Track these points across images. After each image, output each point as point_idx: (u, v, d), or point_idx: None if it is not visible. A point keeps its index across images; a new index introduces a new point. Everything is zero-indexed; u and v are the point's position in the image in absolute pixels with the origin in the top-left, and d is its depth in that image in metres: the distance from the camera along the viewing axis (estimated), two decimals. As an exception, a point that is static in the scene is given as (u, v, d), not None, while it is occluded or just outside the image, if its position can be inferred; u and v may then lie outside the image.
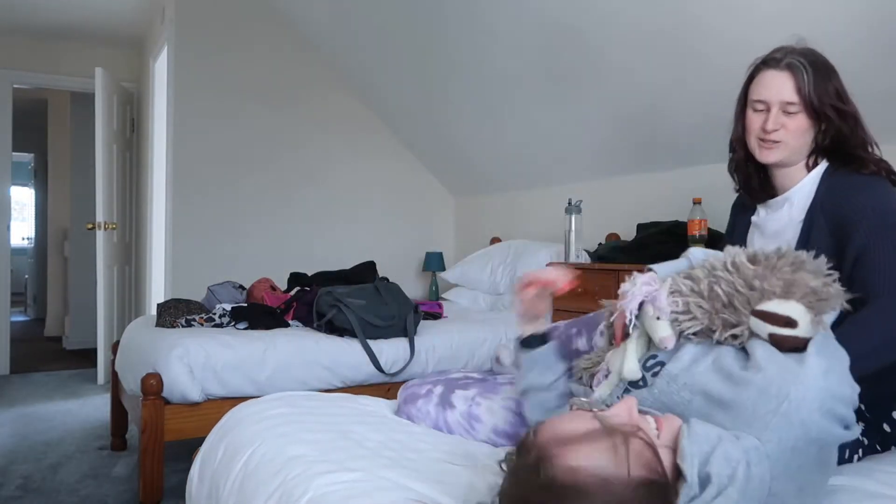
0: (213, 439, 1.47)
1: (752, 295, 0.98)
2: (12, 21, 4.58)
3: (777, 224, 1.38)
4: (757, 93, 1.32)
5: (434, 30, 3.33)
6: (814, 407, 0.87)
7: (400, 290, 2.84)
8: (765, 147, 1.32)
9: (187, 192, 3.93)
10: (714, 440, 0.84)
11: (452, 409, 1.49)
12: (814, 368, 0.90)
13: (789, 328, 0.94)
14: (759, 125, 1.32)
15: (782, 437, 0.86)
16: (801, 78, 1.26)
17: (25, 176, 8.96)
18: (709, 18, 2.23)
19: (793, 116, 1.28)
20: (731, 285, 1.01)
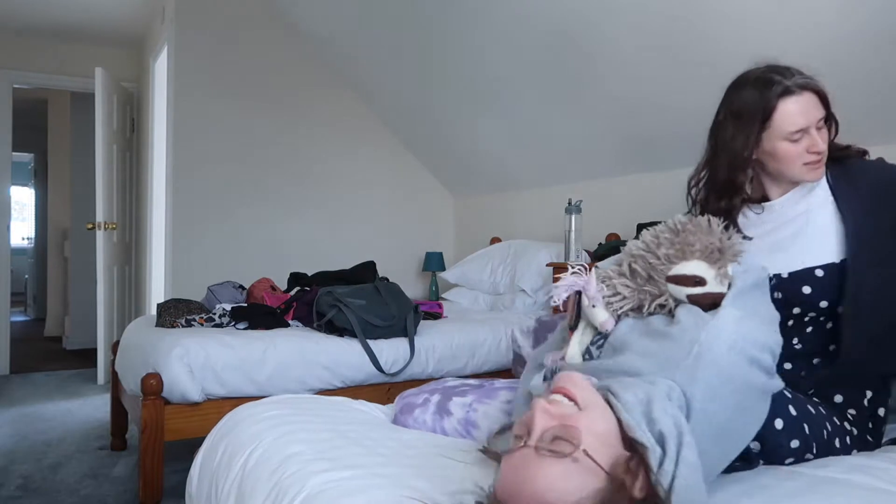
0: (213, 440, 1.48)
1: (662, 265, 1.09)
2: (12, 21, 4.58)
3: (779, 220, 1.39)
4: (793, 123, 1.29)
5: (434, 30, 3.33)
6: (723, 348, 0.95)
7: (400, 290, 2.84)
8: (816, 168, 1.32)
9: (187, 192, 3.93)
10: (643, 398, 0.89)
11: (450, 416, 1.48)
12: (725, 317, 0.99)
13: (700, 286, 1.05)
14: (802, 151, 1.31)
15: (695, 376, 0.94)
16: (821, 92, 1.30)
17: (25, 176, 8.96)
18: (709, 18, 2.23)
19: (822, 130, 1.32)
20: (644, 259, 1.12)
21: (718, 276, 1.07)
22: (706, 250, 1.08)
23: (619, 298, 1.13)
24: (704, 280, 1.06)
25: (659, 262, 1.10)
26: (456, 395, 1.52)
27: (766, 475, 1.07)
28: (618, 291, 1.14)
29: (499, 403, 1.46)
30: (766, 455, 1.13)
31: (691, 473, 0.83)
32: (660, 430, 0.85)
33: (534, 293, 3.33)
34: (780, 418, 1.13)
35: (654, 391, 0.91)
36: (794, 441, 1.14)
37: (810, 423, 1.18)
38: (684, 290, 1.07)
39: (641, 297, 1.12)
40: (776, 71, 1.32)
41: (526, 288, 3.35)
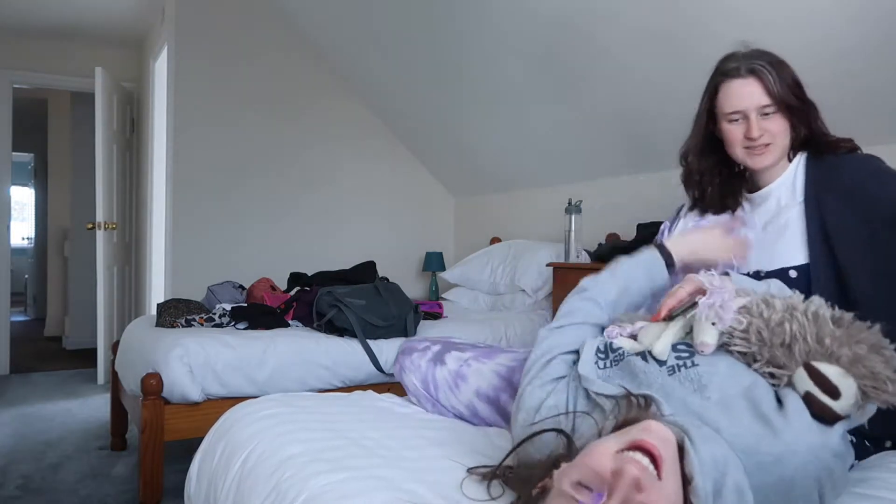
0: (211, 440, 1.47)
1: (816, 349, 0.95)
2: (12, 21, 4.58)
3: (766, 216, 1.39)
4: (730, 105, 1.33)
5: (434, 31, 3.33)
6: (808, 473, 0.85)
7: (400, 290, 2.84)
8: (756, 154, 1.33)
9: (187, 192, 3.93)
10: (720, 460, 0.80)
11: (443, 365, 1.55)
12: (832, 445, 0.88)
13: (829, 397, 0.90)
14: (740, 135, 1.33)
15: (763, 478, 0.84)
16: (766, 79, 1.29)
17: (25, 176, 8.96)
18: (709, 18, 2.23)
19: (770, 118, 1.30)
20: (803, 330, 0.97)
21: (855, 406, 0.91)
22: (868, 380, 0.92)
23: (743, 337, 0.99)
24: (840, 397, 0.91)
25: (815, 348, 0.95)
26: (455, 350, 1.58)
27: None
28: (748, 332, 0.99)
29: (493, 365, 1.50)
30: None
31: None
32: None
33: (534, 293, 3.33)
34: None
35: (732, 458, 0.82)
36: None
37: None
38: (811, 386, 0.92)
39: (762, 352, 0.98)
40: (738, 55, 1.34)
41: (526, 288, 3.35)
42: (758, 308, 1.01)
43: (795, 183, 1.36)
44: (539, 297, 3.33)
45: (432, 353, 1.58)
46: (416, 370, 1.57)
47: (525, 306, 3.36)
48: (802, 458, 0.85)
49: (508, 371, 1.46)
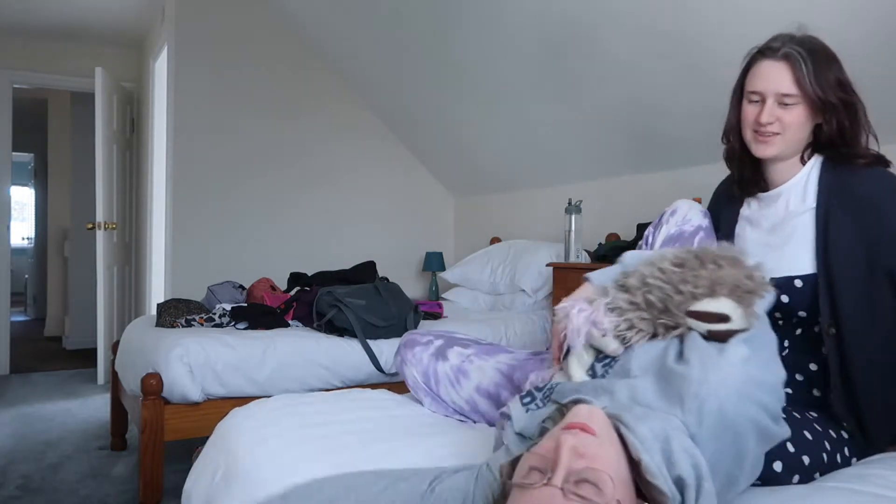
0: (214, 441, 1.47)
1: (680, 299, 1.02)
2: (12, 21, 4.58)
3: (774, 218, 1.33)
4: (752, 84, 1.26)
5: (434, 31, 3.33)
6: (732, 396, 0.89)
7: (400, 290, 2.84)
8: (760, 141, 1.27)
9: (187, 191, 3.93)
10: (660, 433, 0.84)
11: (445, 360, 1.55)
12: (733, 356, 0.92)
13: (724, 323, 0.97)
14: (753, 117, 1.27)
15: (701, 421, 0.88)
16: (799, 68, 1.20)
17: (25, 176, 8.96)
18: (711, 18, 2.23)
19: (789, 108, 1.23)
20: (663, 291, 1.04)
21: (745, 315, 0.99)
22: (736, 290, 1.00)
23: (635, 331, 1.06)
24: (729, 318, 0.99)
25: (682, 298, 1.02)
26: (458, 345, 1.58)
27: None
28: (633, 325, 1.06)
29: (494, 363, 1.50)
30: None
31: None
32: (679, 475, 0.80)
33: (534, 293, 3.33)
34: (779, 460, 1.08)
35: (670, 426, 0.86)
36: (794, 477, 1.10)
37: (809, 453, 1.12)
38: (706, 325, 0.99)
39: (656, 327, 1.05)
40: (785, 36, 1.27)
41: (526, 288, 3.35)
42: (623, 300, 1.08)
43: (807, 187, 1.29)
44: (539, 298, 3.33)
45: (434, 348, 1.58)
46: (418, 363, 1.57)
47: (525, 306, 3.37)
48: (716, 385, 0.89)
49: (510, 368, 1.46)
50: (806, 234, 1.26)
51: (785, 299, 1.26)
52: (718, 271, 1.02)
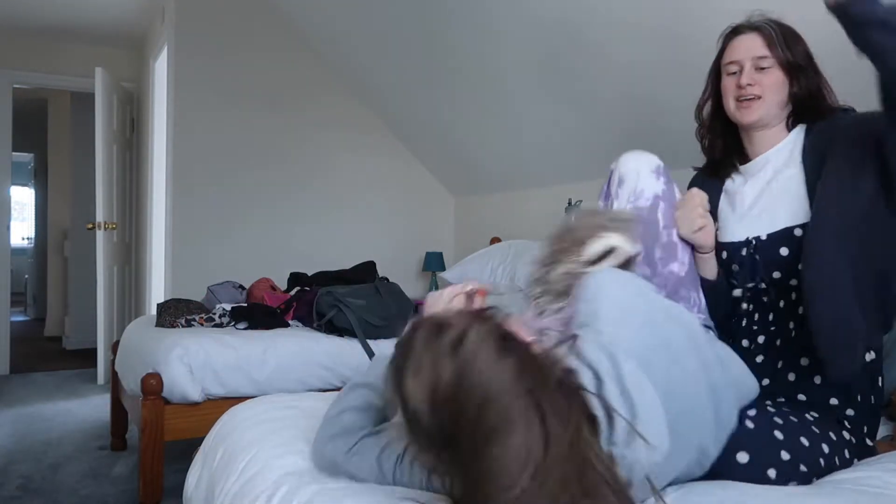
0: (212, 441, 1.47)
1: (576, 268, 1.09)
2: (12, 21, 4.58)
3: (761, 183, 1.36)
4: (729, 56, 1.36)
5: (434, 29, 3.33)
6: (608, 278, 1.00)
7: (400, 289, 2.84)
8: (743, 106, 1.33)
9: (187, 192, 3.93)
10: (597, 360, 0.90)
11: None
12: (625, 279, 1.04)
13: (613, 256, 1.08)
14: (733, 86, 1.34)
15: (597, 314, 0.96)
16: (769, 36, 1.31)
17: (25, 176, 8.96)
18: (708, 16, 2.23)
19: (766, 72, 1.31)
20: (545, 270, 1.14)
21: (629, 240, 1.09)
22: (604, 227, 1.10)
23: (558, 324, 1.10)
24: (615, 247, 1.08)
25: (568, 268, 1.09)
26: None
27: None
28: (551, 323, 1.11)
29: None
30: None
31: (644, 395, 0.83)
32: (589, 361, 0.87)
33: (534, 293, 3.33)
34: (773, 468, 1.06)
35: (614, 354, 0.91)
36: (791, 483, 1.08)
37: (806, 460, 1.10)
38: (601, 265, 1.08)
39: (571, 302, 1.09)
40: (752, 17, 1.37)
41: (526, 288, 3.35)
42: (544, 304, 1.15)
43: (794, 150, 1.33)
44: (539, 297, 3.32)
45: None
46: None
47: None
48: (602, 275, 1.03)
49: None
50: (797, 187, 1.29)
51: (784, 252, 1.26)
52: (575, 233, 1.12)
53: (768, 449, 1.07)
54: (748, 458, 1.04)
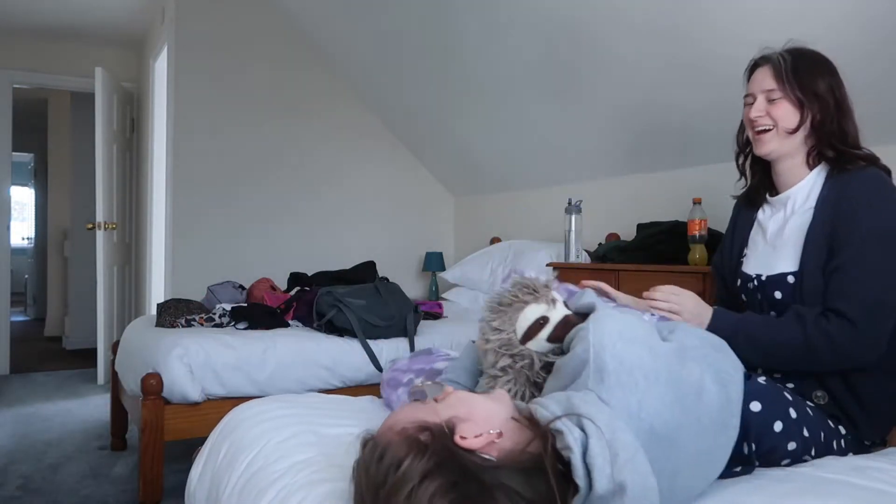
0: (216, 439, 1.47)
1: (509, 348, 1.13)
2: (12, 21, 4.58)
3: (781, 220, 1.40)
4: (747, 89, 1.41)
5: (435, 30, 3.33)
6: (615, 338, 0.94)
7: (400, 290, 2.84)
8: (757, 138, 1.38)
9: (187, 191, 3.93)
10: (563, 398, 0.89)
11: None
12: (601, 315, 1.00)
13: (547, 324, 1.10)
14: (748, 116, 1.39)
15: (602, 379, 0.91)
16: (778, 67, 1.34)
17: (25, 176, 8.96)
18: (712, 18, 2.23)
19: (776, 103, 1.34)
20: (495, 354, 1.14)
21: (549, 304, 1.11)
22: (523, 302, 1.13)
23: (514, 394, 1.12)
24: (546, 317, 1.10)
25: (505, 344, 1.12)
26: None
27: (763, 476, 1.07)
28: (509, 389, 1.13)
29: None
30: (761, 457, 1.12)
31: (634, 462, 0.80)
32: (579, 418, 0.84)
33: (534, 293, 3.33)
34: (780, 420, 1.12)
35: (573, 393, 0.90)
36: (791, 444, 1.14)
37: (809, 426, 1.17)
38: (542, 340, 1.10)
39: (527, 375, 1.13)
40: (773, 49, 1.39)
41: (526, 288, 3.35)
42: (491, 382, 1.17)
43: (811, 192, 1.35)
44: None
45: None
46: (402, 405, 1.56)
47: (525, 306, 3.36)
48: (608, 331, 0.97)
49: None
50: (801, 233, 1.33)
51: (778, 295, 1.33)
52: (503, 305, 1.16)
53: (778, 404, 1.14)
54: (760, 407, 1.11)
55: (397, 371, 1.63)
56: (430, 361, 1.66)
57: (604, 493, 0.78)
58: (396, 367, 1.66)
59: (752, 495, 0.97)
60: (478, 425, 0.84)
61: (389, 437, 0.83)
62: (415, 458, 0.78)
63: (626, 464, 0.79)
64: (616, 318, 0.99)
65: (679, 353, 1.01)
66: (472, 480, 0.77)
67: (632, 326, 0.99)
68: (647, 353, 0.95)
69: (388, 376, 1.64)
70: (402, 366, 1.65)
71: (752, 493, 0.98)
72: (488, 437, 0.83)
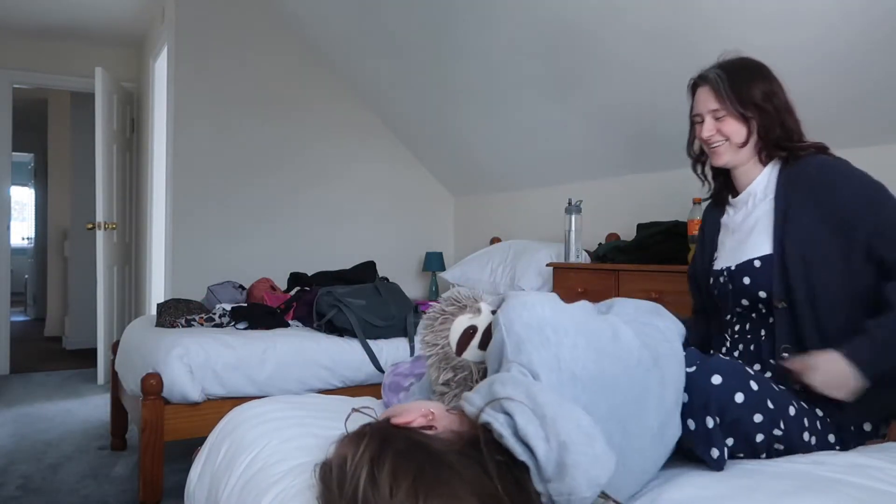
0: (215, 439, 1.46)
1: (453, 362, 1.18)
2: (12, 21, 4.58)
3: (743, 216, 1.47)
4: (693, 109, 1.49)
5: (435, 30, 3.33)
6: (519, 309, 1.01)
7: (400, 290, 2.84)
8: (712, 152, 1.46)
9: (187, 191, 3.93)
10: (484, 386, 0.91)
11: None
12: (510, 298, 1.06)
13: (476, 333, 1.15)
14: (699, 135, 1.47)
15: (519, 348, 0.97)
16: (717, 86, 1.42)
17: (25, 176, 8.96)
18: (711, 18, 2.23)
19: (723, 120, 1.42)
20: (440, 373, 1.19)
21: (475, 312, 1.16)
22: (451, 315, 1.17)
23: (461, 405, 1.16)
24: (474, 325, 1.15)
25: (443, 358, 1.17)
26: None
27: (760, 473, 1.07)
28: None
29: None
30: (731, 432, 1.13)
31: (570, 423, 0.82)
32: (500, 399, 0.86)
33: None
34: (741, 392, 1.14)
35: (494, 377, 0.94)
36: (756, 415, 1.14)
37: (774, 399, 1.18)
38: (474, 348, 1.13)
39: (470, 386, 1.15)
40: (711, 66, 1.48)
41: (526, 288, 3.35)
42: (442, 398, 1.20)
43: (769, 185, 1.43)
44: (539, 297, 3.32)
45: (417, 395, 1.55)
46: None
47: (525, 306, 3.36)
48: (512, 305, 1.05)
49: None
50: (766, 221, 1.40)
51: (746, 280, 1.38)
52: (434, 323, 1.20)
53: (739, 376, 1.16)
54: (721, 380, 1.13)
55: (399, 376, 1.63)
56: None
57: (547, 456, 0.79)
58: (398, 371, 1.65)
59: (749, 493, 0.97)
60: (411, 413, 0.89)
61: (331, 452, 0.85)
62: (357, 448, 0.79)
63: (557, 419, 0.81)
64: (520, 295, 1.06)
65: (588, 310, 1.09)
66: (420, 449, 0.79)
67: (537, 296, 1.05)
68: (549, 311, 1.01)
69: (389, 380, 1.63)
70: (404, 370, 1.65)
71: (749, 491, 0.98)
72: (423, 417, 0.88)
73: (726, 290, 1.43)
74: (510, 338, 0.99)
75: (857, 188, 1.31)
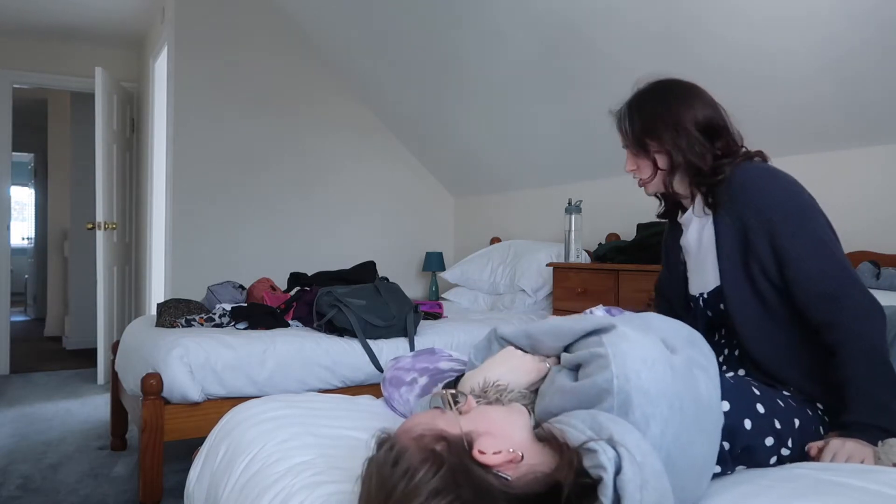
0: (214, 440, 1.46)
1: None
2: (12, 21, 4.58)
3: (694, 239, 1.44)
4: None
5: (435, 30, 3.33)
6: (637, 359, 0.90)
7: (400, 290, 2.84)
8: (640, 185, 1.47)
9: (187, 191, 3.93)
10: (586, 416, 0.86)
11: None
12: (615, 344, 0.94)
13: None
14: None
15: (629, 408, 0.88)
16: (621, 123, 1.46)
17: (25, 176, 8.96)
18: (710, 19, 2.23)
19: (636, 155, 1.45)
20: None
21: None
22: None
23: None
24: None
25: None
26: (442, 381, 1.54)
27: (766, 477, 1.07)
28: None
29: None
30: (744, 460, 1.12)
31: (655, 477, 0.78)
32: (610, 434, 0.81)
33: (534, 293, 3.33)
34: (749, 419, 1.12)
35: (601, 414, 0.88)
36: (767, 439, 1.13)
37: (780, 416, 1.17)
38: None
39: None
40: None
41: (526, 288, 3.35)
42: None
43: (704, 207, 1.39)
44: (539, 298, 3.33)
45: (420, 389, 1.54)
46: (405, 405, 1.54)
47: (525, 306, 3.36)
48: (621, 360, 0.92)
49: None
50: (712, 247, 1.37)
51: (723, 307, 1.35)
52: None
53: (746, 400, 1.14)
54: (729, 407, 1.10)
55: (400, 370, 1.62)
56: (433, 361, 1.64)
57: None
58: (399, 365, 1.64)
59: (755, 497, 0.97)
60: (497, 441, 0.83)
61: (406, 442, 0.82)
62: (428, 470, 0.76)
63: (654, 493, 0.77)
64: (634, 342, 0.94)
65: (687, 364, 0.98)
66: (482, 501, 0.76)
67: (649, 347, 0.94)
68: (669, 377, 0.91)
69: (390, 374, 1.63)
70: (406, 364, 1.64)
71: (755, 496, 0.97)
72: (508, 454, 0.82)
73: (705, 314, 1.41)
74: (620, 398, 0.88)
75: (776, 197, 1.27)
